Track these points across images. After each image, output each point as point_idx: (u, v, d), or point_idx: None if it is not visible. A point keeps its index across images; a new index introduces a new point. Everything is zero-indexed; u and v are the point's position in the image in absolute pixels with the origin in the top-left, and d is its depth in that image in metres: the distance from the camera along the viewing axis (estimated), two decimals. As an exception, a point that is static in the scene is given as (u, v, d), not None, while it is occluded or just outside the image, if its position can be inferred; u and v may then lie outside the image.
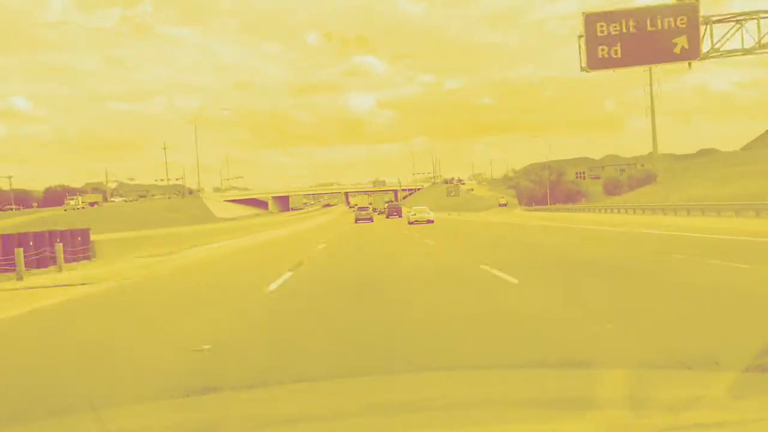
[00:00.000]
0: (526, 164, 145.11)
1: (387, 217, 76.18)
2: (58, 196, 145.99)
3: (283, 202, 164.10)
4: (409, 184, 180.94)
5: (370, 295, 10.57)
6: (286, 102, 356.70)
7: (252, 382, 5.22)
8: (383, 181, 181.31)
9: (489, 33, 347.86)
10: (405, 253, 20.66)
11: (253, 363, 6.10)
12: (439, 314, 8.43)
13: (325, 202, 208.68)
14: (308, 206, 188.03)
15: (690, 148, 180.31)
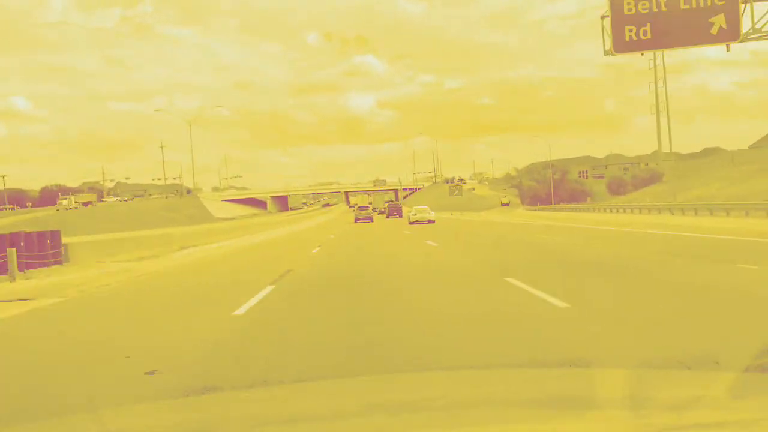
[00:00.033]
0: (527, 164, 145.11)
1: (387, 217, 76.24)
2: (54, 196, 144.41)
3: (282, 202, 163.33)
4: (410, 184, 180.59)
5: (364, 321, 8.58)
6: (286, 102, 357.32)
7: None
8: (384, 181, 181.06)
9: (489, 33, 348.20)
10: (409, 261, 18.27)
11: None
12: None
13: (325, 202, 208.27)
14: (307, 206, 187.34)
15: (694, 147, 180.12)
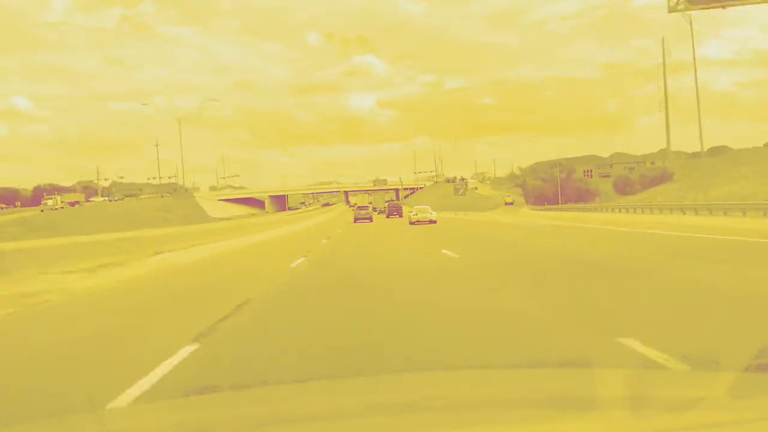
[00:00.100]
0: (528, 163, 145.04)
1: (387, 217, 76.37)
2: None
3: (281, 202, 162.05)
4: (411, 183, 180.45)
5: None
6: (287, 102, 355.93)
7: None
8: (384, 180, 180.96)
9: (490, 33, 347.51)
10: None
11: None
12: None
13: (325, 201, 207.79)
14: (306, 206, 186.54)
15: (698, 147, 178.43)
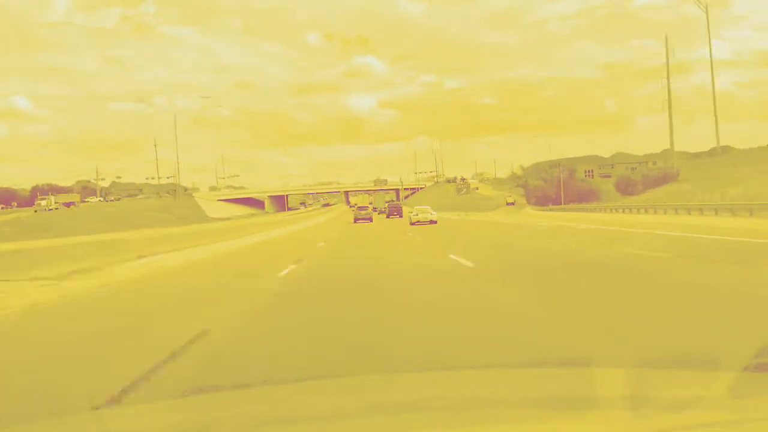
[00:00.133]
0: (528, 163, 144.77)
1: (387, 217, 76.80)
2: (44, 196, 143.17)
3: (281, 202, 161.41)
4: (411, 183, 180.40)
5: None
6: (287, 102, 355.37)
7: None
8: (384, 180, 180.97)
9: (490, 33, 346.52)
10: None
11: None
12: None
13: (325, 202, 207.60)
14: (306, 206, 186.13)
15: (701, 146, 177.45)
